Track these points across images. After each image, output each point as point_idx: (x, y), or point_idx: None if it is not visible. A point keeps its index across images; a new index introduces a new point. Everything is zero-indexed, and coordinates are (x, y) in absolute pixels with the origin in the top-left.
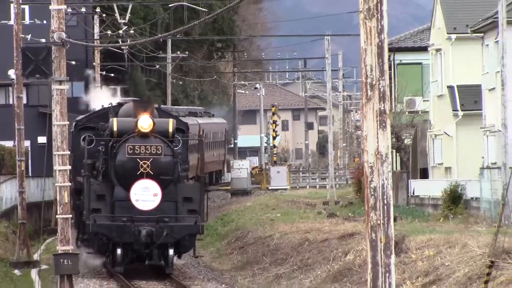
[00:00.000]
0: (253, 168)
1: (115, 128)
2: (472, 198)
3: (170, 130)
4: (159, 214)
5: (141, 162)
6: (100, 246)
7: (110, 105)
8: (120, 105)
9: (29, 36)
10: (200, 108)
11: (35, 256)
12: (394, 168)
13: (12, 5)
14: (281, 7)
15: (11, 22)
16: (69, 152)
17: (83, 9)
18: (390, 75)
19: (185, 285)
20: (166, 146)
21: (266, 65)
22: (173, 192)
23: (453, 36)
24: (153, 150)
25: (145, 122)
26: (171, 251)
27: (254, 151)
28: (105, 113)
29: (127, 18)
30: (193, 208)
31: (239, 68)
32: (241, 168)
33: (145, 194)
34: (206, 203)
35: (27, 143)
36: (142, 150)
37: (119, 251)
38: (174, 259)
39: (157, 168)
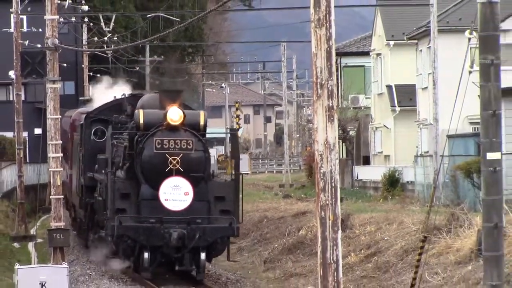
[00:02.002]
0: (219, 156)
1: (141, 121)
2: (407, 182)
3: (202, 122)
4: (191, 215)
5: (170, 158)
6: (125, 250)
7: (123, 96)
8: (134, 96)
9: (26, 42)
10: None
11: (32, 231)
12: (341, 156)
13: (12, 15)
14: (244, 18)
15: (11, 30)
16: (61, 142)
17: (73, 19)
18: (337, 76)
19: None
20: (197, 140)
21: (230, 67)
22: (205, 191)
23: (391, 42)
24: (183, 145)
25: (175, 114)
26: (202, 255)
27: (220, 141)
28: (117, 105)
29: (111, 26)
30: (226, 209)
31: (207, 70)
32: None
33: (176, 193)
34: (241, 202)
35: (25, 134)
36: (171, 145)
37: (146, 255)
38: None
39: (187, 164)
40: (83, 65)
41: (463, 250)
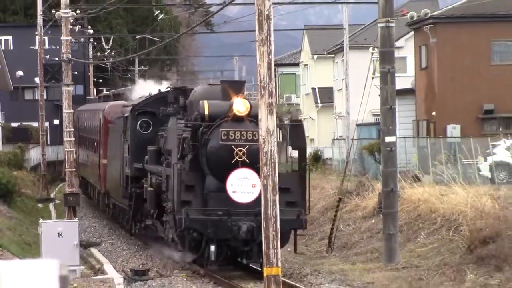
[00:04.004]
0: None
1: (206, 112)
2: (327, 158)
3: None
4: (258, 207)
5: (236, 149)
6: (191, 243)
7: (168, 89)
8: (177, 89)
9: (48, 56)
10: None
11: (52, 195)
12: (278, 140)
13: (37, 37)
14: (207, 38)
15: (37, 47)
16: (73, 129)
17: (82, 39)
18: (275, 81)
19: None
20: None
21: (198, 75)
22: None
23: (315, 56)
24: (249, 136)
25: (241, 105)
26: None
27: None
28: (162, 98)
29: (109, 45)
30: (291, 200)
31: (180, 77)
32: None
33: (244, 185)
34: (308, 194)
35: (46, 124)
36: (237, 136)
37: (212, 248)
38: None
39: (253, 155)
40: (89, 73)
41: (368, 208)
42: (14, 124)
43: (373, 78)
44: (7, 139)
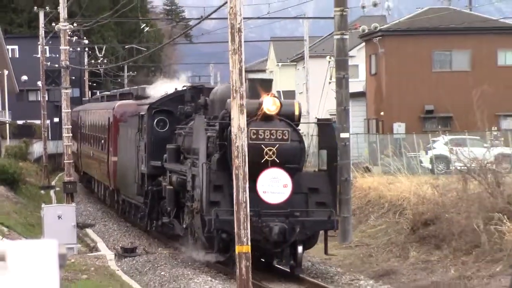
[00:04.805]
0: None
1: None
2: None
3: (296, 112)
4: (289, 208)
5: (266, 149)
6: (219, 243)
7: (185, 88)
8: (194, 87)
9: (49, 63)
10: None
11: (52, 183)
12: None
13: (39, 46)
14: (186, 48)
15: (39, 55)
16: (70, 126)
17: (78, 49)
18: (245, 85)
19: None
20: (292, 130)
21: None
22: (301, 183)
23: (280, 64)
24: (279, 135)
25: (272, 104)
26: (300, 249)
27: None
28: (178, 96)
29: (102, 53)
30: (321, 201)
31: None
32: None
33: (274, 185)
34: (337, 194)
35: (47, 122)
36: (267, 135)
37: None
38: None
39: (283, 155)
40: (84, 78)
41: None
42: (19, 122)
43: (330, 83)
44: (14, 135)
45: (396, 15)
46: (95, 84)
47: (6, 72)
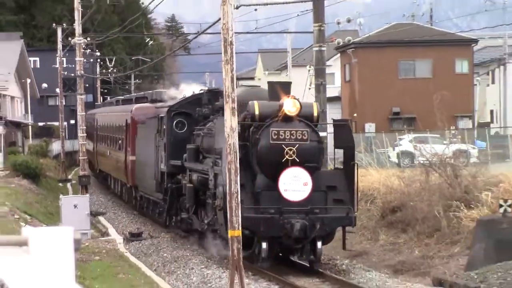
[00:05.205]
0: None
1: (257, 112)
2: None
3: (315, 114)
4: (309, 205)
5: (286, 149)
6: (244, 240)
7: (202, 91)
8: (210, 91)
9: (66, 72)
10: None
11: (69, 177)
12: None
13: (57, 58)
14: (184, 59)
15: (57, 66)
16: (85, 127)
17: (91, 60)
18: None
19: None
20: (311, 130)
21: (179, 86)
22: (319, 181)
23: (267, 72)
24: (299, 136)
25: (292, 105)
26: (319, 245)
27: None
28: (196, 99)
29: (112, 63)
30: (338, 198)
31: (166, 87)
32: None
33: (295, 183)
34: (357, 192)
35: (65, 123)
36: (287, 136)
37: (264, 245)
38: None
39: (303, 154)
40: (96, 85)
41: None
42: (40, 124)
43: (309, 88)
44: (35, 135)
45: (367, 29)
46: (106, 91)
47: (28, 80)
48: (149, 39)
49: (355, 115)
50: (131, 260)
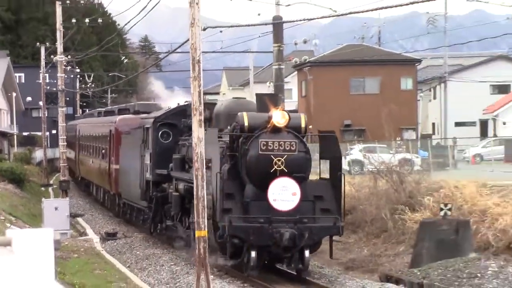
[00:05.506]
0: None
1: (246, 123)
2: None
3: (303, 125)
4: (298, 215)
5: (275, 159)
6: (231, 248)
7: (186, 103)
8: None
9: (48, 87)
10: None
11: (51, 182)
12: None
13: (41, 74)
14: (156, 75)
15: (40, 81)
16: (65, 137)
17: (72, 75)
18: (203, 104)
19: None
20: (299, 141)
21: (151, 100)
22: (307, 191)
23: (231, 87)
24: (287, 146)
25: (281, 117)
26: (307, 253)
27: None
28: (181, 111)
29: (90, 79)
30: (325, 207)
31: (139, 101)
32: None
33: (284, 194)
34: (343, 201)
35: (47, 133)
36: (276, 146)
37: (253, 254)
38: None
39: (291, 165)
40: (76, 99)
41: None
42: (25, 133)
43: None
44: (20, 143)
45: (321, 50)
46: (84, 104)
47: (14, 94)
48: (124, 57)
49: (310, 127)
50: (107, 258)
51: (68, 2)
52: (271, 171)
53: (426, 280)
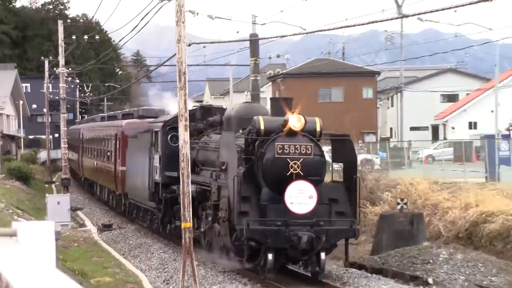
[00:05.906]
0: None
1: (262, 127)
2: None
3: (318, 129)
4: (314, 218)
5: (291, 162)
6: (248, 251)
7: (195, 108)
8: (203, 107)
9: (51, 96)
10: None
11: (54, 179)
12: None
13: (45, 84)
14: (146, 85)
15: (44, 90)
16: (66, 140)
17: (72, 86)
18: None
19: None
20: (314, 145)
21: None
22: (322, 194)
23: (213, 96)
24: (303, 150)
25: (297, 121)
26: (323, 256)
27: None
28: (190, 115)
29: (89, 89)
30: (340, 210)
31: (132, 108)
32: None
33: (300, 197)
34: (358, 204)
35: (50, 136)
36: (292, 150)
37: (270, 257)
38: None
39: (307, 168)
40: (76, 106)
41: None
42: (30, 137)
43: None
44: (26, 145)
45: (292, 63)
46: (83, 110)
47: (21, 102)
48: (118, 69)
49: None
50: (103, 246)
51: (69, 21)
52: (287, 174)
53: (385, 266)
